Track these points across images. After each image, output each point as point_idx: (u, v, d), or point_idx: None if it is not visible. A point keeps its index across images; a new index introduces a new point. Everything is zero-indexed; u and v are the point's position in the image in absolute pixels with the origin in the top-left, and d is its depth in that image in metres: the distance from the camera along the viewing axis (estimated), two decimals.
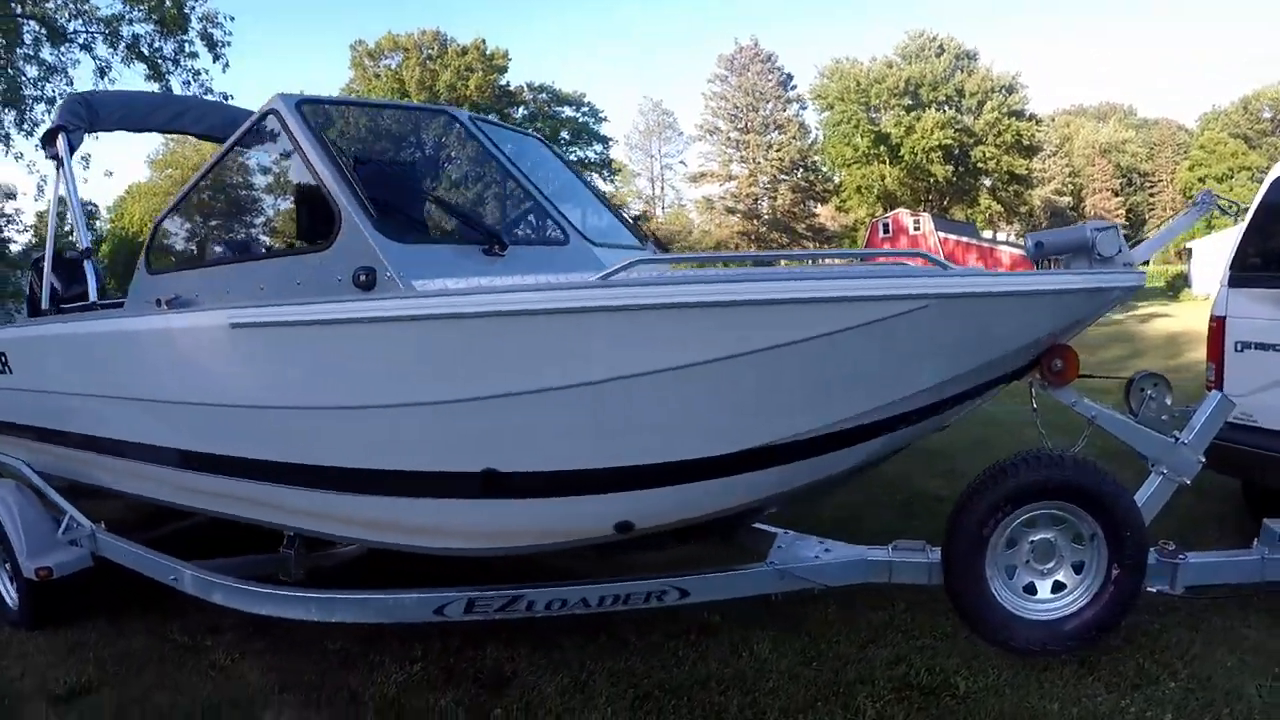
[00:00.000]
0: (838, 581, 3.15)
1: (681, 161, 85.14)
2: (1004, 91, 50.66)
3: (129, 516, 4.51)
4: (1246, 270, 4.19)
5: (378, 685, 3.10)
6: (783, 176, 53.88)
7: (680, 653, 3.33)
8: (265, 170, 3.37)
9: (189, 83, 18.89)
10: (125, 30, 18.03)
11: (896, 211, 48.71)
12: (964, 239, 43.07)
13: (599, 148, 52.29)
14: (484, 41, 47.39)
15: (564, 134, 51.34)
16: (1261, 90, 64.24)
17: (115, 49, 18.21)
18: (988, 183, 52.61)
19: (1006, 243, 46.90)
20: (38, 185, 24.84)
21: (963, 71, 51.29)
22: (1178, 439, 2.97)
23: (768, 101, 55.17)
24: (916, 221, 46.60)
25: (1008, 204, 54.33)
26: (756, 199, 52.89)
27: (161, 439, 3.55)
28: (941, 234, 44.81)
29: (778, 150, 53.10)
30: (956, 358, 2.62)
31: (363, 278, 2.78)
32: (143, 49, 18.31)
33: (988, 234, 51.76)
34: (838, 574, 3.14)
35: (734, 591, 3.16)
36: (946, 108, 50.90)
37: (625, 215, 4.50)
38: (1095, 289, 2.54)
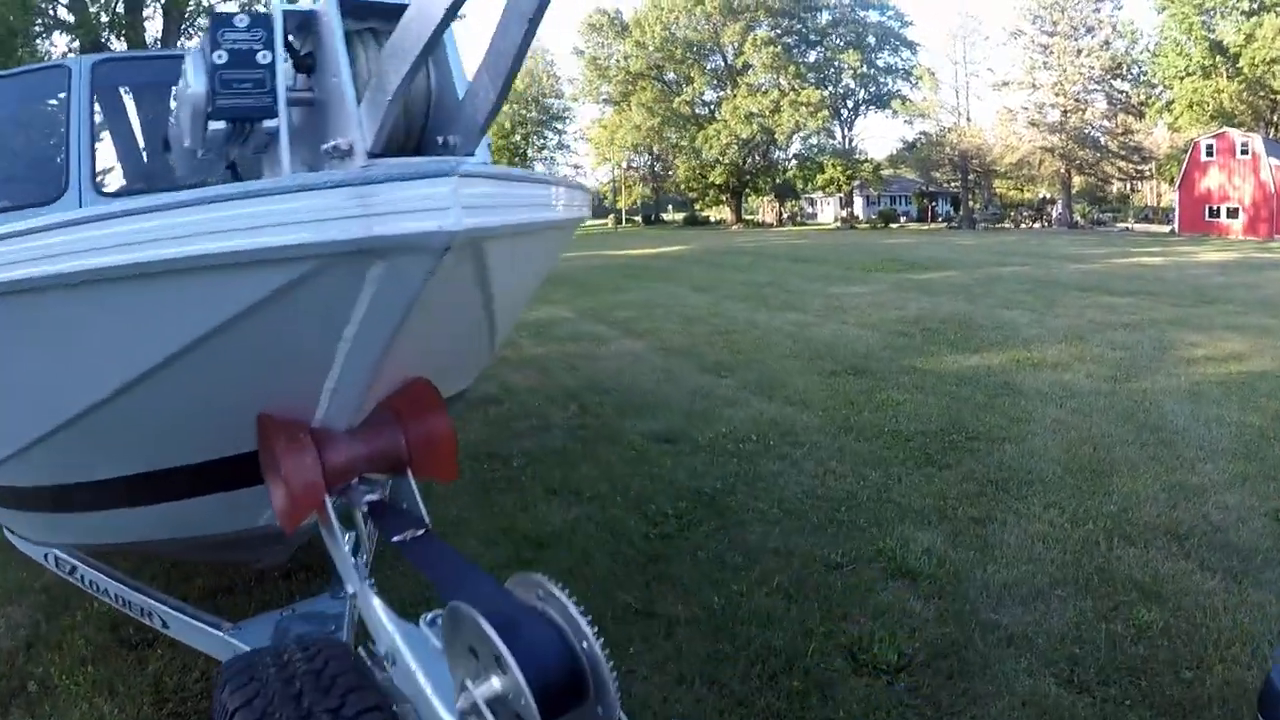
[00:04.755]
0: (180, 637, 2.51)
1: (989, 69, 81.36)
2: None
3: None
4: None
5: (84, 607, 3.24)
6: (1094, 86, 51.68)
7: None
8: None
9: None
10: None
11: (1224, 130, 46.08)
12: None
13: (907, 53, 52.04)
14: None
15: (870, 39, 51.14)
16: None
17: None
18: None
19: None
20: None
21: None
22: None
23: (1078, 0, 52.06)
24: (1245, 144, 44.21)
25: None
26: (1065, 111, 51.20)
27: None
28: (1274, 160, 42.43)
29: (1087, 55, 50.71)
30: None
31: None
32: None
33: None
34: (179, 629, 2.46)
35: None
36: None
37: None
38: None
